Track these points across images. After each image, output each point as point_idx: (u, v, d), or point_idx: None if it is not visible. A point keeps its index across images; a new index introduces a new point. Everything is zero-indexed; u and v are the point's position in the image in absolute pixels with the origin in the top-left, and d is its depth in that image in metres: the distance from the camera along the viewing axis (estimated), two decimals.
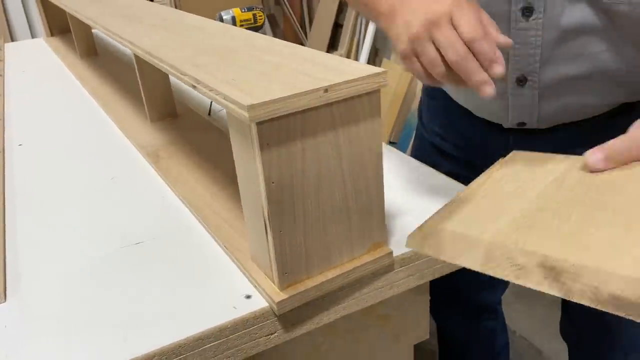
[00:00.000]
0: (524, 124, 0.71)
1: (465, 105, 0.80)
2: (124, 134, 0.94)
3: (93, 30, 1.45)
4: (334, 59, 0.51)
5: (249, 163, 0.47)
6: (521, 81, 0.67)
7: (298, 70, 0.49)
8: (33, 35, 3.18)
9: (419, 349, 0.71)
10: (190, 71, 0.52)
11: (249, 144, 0.45)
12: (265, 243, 0.50)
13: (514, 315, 1.51)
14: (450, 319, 1.08)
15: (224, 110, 1.01)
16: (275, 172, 0.45)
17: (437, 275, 0.60)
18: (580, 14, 0.58)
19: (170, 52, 0.63)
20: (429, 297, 0.68)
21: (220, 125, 0.93)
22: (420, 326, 0.69)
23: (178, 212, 0.68)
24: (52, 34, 1.74)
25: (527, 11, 0.60)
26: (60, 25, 1.71)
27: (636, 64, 0.62)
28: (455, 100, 0.82)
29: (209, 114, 0.99)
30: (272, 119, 0.43)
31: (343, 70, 0.47)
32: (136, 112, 1.01)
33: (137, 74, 0.90)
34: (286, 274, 0.50)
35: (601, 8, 0.57)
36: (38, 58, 1.53)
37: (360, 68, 0.47)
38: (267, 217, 0.48)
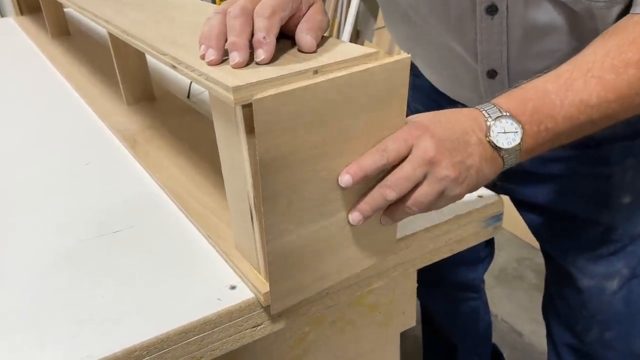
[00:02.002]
0: None
1: (443, 91, 0.80)
2: (98, 118, 0.90)
3: (65, 9, 1.39)
4: (324, 39, 0.49)
5: (233, 148, 0.45)
6: (491, 75, 0.68)
7: (286, 51, 0.46)
8: (2, 15, 3.06)
9: (402, 335, 0.70)
10: (170, 50, 0.49)
11: (234, 128, 0.43)
12: (251, 231, 0.47)
13: (495, 299, 1.52)
14: (432, 298, 1.09)
15: (204, 93, 0.98)
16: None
17: (426, 263, 0.59)
18: (543, 13, 0.59)
19: (148, 30, 0.60)
20: (416, 284, 0.66)
21: (200, 108, 0.90)
22: (406, 313, 0.68)
23: (157, 200, 0.65)
24: (21, 13, 1.67)
25: (491, 9, 0.61)
26: (31, 4, 1.65)
27: None
28: (435, 85, 0.81)
29: (188, 96, 0.96)
30: None
31: (334, 51, 0.45)
32: (111, 95, 0.97)
33: (113, 55, 0.86)
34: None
35: (562, 7, 0.57)
36: (7, 38, 1.46)
37: (351, 49, 0.45)
38: (252, 203, 0.46)
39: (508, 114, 0.48)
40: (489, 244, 1.02)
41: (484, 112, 0.48)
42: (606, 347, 0.80)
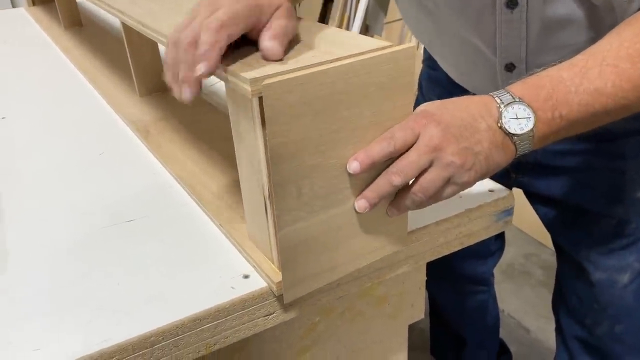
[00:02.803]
0: None
1: (460, 84, 0.80)
2: (112, 109, 0.91)
3: (78, 0, 1.40)
4: (339, 32, 0.49)
5: (249, 140, 0.46)
6: (509, 68, 0.68)
7: (302, 43, 0.47)
8: (14, 5, 3.08)
9: (409, 328, 0.70)
10: None
11: (249, 120, 0.44)
12: (265, 222, 0.48)
13: (502, 295, 1.52)
14: (441, 290, 1.09)
15: (216, 85, 0.98)
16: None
17: (436, 256, 0.59)
18: (562, 6, 0.59)
19: (163, 21, 0.61)
20: (425, 277, 0.67)
21: (211, 100, 0.90)
22: (415, 306, 0.69)
23: (170, 190, 0.66)
24: (33, 4, 1.68)
25: (512, 3, 0.61)
26: None
27: None
28: (452, 77, 0.82)
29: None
30: None
31: (348, 44, 0.45)
32: (124, 86, 0.98)
33: (126, 46, 0.87)
34: None
35: (582, 0, 0.57)
36: (20, 29, 1.47)
37: (366, 41, 0.46)
38: (267, 196, 0.46)
39: (521, 99, 0.47)
40: (500, 237, 1.03)
41: (496, 98, 0.48)
42: (616, 340, 0.80)
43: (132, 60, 0.89)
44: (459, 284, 1.06)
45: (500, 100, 0.47)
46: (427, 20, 0.73)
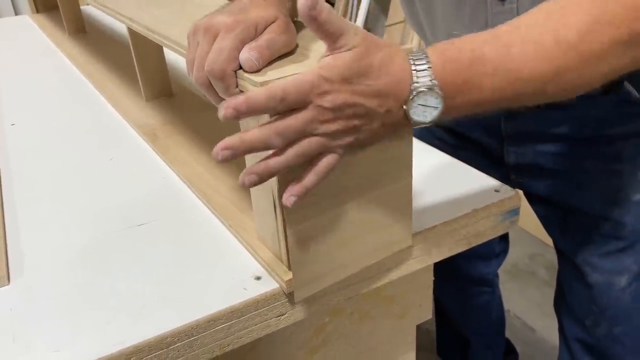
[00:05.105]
0: None
1: None
2: (119, 114, 0.92)
3: (82, 7, 1.41)
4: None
5: None
6: None
7: (310, 47, 0.48)
8: (17, 12, 3.09)
9: (416, 328, 0.71)
10: None
11: (256, 121, 0.44)
12: (274, 222, 0.49)
13: (507, 295, 1.52)
14: (446, 291, 1.10)
15: None
16: None
17: (444, 256, 0.60)
18: None
19: (172, 28, 0.62)
20: (433, 277, 0.68)
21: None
22: (423, 306, 0.69)
23: (180, 193, 0.67)
24: (37, 11, 1.69)
25: None
26: (46, 2, 1.67)
27: None
28: None
29: None
30: None
31: None
32: (130, 91, 0.99)
33: (132, 51, 0.88)
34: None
35: None
36: (25, 36, 1.48)
37: None
38: (276, 196, 0.47)
39: (437, 84, 0.42)
40: (503, 239, 1.03)
41: (414, 76, 0.42)
42: (615, 342, 0.81)
43: (138, 66, 0.90)
44: (463, 285, 1.06)
45: (417, 81, 0.42)
46: (424, 18, 0.74)
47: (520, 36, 0.44)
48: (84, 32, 1.41)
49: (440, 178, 0.66)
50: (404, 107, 0.43)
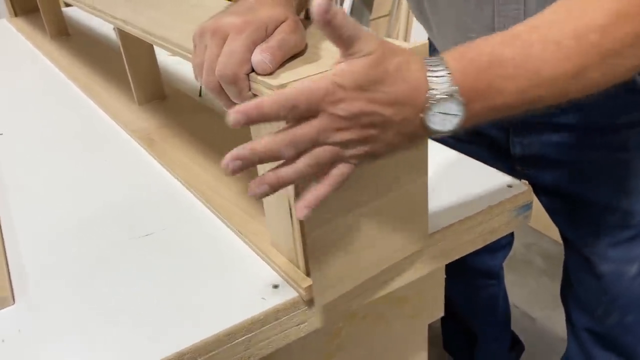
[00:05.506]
0: None
1: None
2: (110, 118, 0.89)
3: (63, 9, 1.37)
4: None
5: None
6: None
7: (320, 46, 0.46)
8: None
9: None
10: None
11: (273, 126, 0.43)
12: (290, 228, 0.47)
13: (506, 286, 1.53)
14: (453, 285, 1.09)
15: None
16: None
17: (461, 254, 0.59)
18: None
19: (170, 31, 0.59)
20: (444, 275, 0.67)
21: (212, 105, 0.89)
22: (435, 305, 0.69)
23: (184, 198, 0.65)
24: (16, 15, 1.64)
25: None
26: (25, 5, 1.62)
27: None
28: None
29: (200, 95, 0.95)
30: None
31: None
32: (120, 95, 0.96)
33: (123, 55, 0.85)
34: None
35: None
36: (4, 41, 1.44)
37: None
38: (292, 202, 0.45)
39: (457, 90, 0.40)
40: None
41: (430, 83, 0.40)
42: (627, 331, 0.81)
43: (129, 69, 0.87)
44: (470, 278, 1.06)
45: (435, 89, 0.40)
46: (429, 14, 0.73)
47: (540, 35, 0.43)
48: (66, 34, 1.37)
49: (452, 176, 0.65)
50: (421, 115, 0.40)
